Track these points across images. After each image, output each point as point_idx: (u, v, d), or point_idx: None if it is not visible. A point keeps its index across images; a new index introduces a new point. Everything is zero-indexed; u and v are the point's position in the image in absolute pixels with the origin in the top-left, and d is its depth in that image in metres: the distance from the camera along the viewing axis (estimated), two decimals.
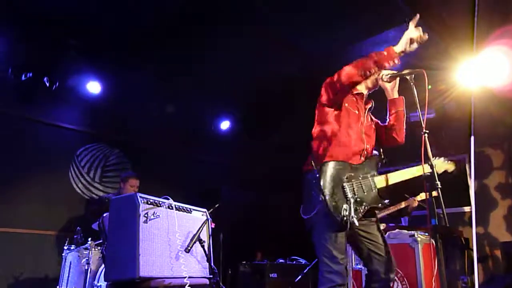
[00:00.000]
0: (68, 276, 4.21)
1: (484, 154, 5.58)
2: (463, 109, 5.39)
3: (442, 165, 2.80)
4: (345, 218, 2.19)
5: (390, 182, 2.48)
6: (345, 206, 2.23)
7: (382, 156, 2.57)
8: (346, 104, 2.48)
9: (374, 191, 2.39)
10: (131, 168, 5.99)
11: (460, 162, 5.70)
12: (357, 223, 2.20)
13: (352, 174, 2.35)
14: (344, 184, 2.30)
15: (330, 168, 2.30)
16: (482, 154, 5.56)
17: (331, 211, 2.21)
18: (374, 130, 2.64)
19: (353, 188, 2.32)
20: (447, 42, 4.73)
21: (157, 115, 6.01)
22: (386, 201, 2.41)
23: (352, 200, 2.26)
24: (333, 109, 2.47)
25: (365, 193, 2.35)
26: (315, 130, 2.54)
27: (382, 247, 2.39)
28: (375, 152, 2.60)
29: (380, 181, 2.44)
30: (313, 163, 2.40)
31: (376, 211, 2.48)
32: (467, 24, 4.30)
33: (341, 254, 2.23)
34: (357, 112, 2.50)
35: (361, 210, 2.30)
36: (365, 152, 2.48)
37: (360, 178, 2.37)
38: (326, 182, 2.26)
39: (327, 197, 2.22)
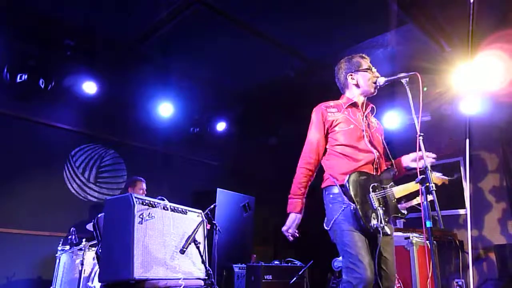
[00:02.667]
0: (62, 277, 4.19)
1: (479, 157, 5.61)
2: (458, 113, 5.43)
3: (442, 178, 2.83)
4: (375, 226, 2.27)
5: (405, 193, 2.54)
6: (374, 215, 2.31)
7: (394, 168, 2.59)
8: (337, 128, 2.52)
9: (394, 201, 2.46)
10: (126, 169, 5.98)
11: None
12: (388, 232, 2.31)
13: (376, 185, 2.42)
14: (371, 194, 2.37)
15: (358, 177, 2.38)
16: (477, 157, 5.59)
17: (363, 220, 2.27)
18: (380, 134, 2.66)
19: (379, 198, 2.39)
20: (443, 46, 4.76)
21: (153, 116, 5.99)
22: (404, 210, 2.49)
23: (379, 210, 2.34)
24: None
25: (388, 204, 2.42)
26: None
27: (390, 263, 2.41)
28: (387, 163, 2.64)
29: (398, 192, 2.50)
30: (331, 180, 2.46)
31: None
32: (463, 28, 4.33)
33: (367, 259, 2.24)
34: (352, 126, 2.52)
35: (387, 219, 2.37)
36: (377, 160, 2.51)
37: (382, 189, 2.44)
38: (357, 191, 2.33)
39: (359, 207, 2.29)
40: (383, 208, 2.36)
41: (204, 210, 3.46)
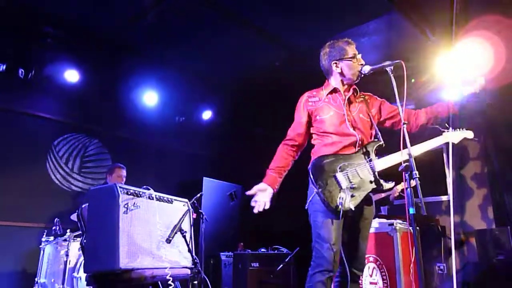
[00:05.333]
0: (47, 269, 4.15)
1: (461, 144, 5.70)
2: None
3: (461, 134, 2.86)
4: (340, 206, 2.28)
5: (390, 164, 2.48)
6: (340, 194, 2.31)
7: (380, 141, 2.56)
8: (318, 117, 2.59)
9: (372, 175, 2.42)
10: (110, 159, 5.91)
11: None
12: (353, 208, 2.30)
13: (346, 163, 2.42)
14: (337, 174, 2.38)
15: (321, 161, 2.42)
16: (459, 144, 5.68)
17: (327, 201, 2.30)
18: (368, 117, 2.63)
19: (348, 177, 2.38)
20: (427, 35, 4.79)
21: (137, 105, 5.92)
22: (390, 182, 2.43)
23: (348, 188, 2.34)
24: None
25: (362, 178, 2.41)
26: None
27: (363, 246, 2.47)
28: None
29: (379, 165, 2.46)
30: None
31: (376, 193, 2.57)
32: (447, 17, 4.36)
33: (332, 240, 2.28)
34: (332, 113, 2.55)
35: (360, 195, 2.36)
36: (359, 142, 2.52)
37: (355, 166, 2.43)
38: (319, 174, 2.38)
39: (321, 189, 2.33)
40: (355, 186, 2.36)
41: (190, 199, 3.45)
